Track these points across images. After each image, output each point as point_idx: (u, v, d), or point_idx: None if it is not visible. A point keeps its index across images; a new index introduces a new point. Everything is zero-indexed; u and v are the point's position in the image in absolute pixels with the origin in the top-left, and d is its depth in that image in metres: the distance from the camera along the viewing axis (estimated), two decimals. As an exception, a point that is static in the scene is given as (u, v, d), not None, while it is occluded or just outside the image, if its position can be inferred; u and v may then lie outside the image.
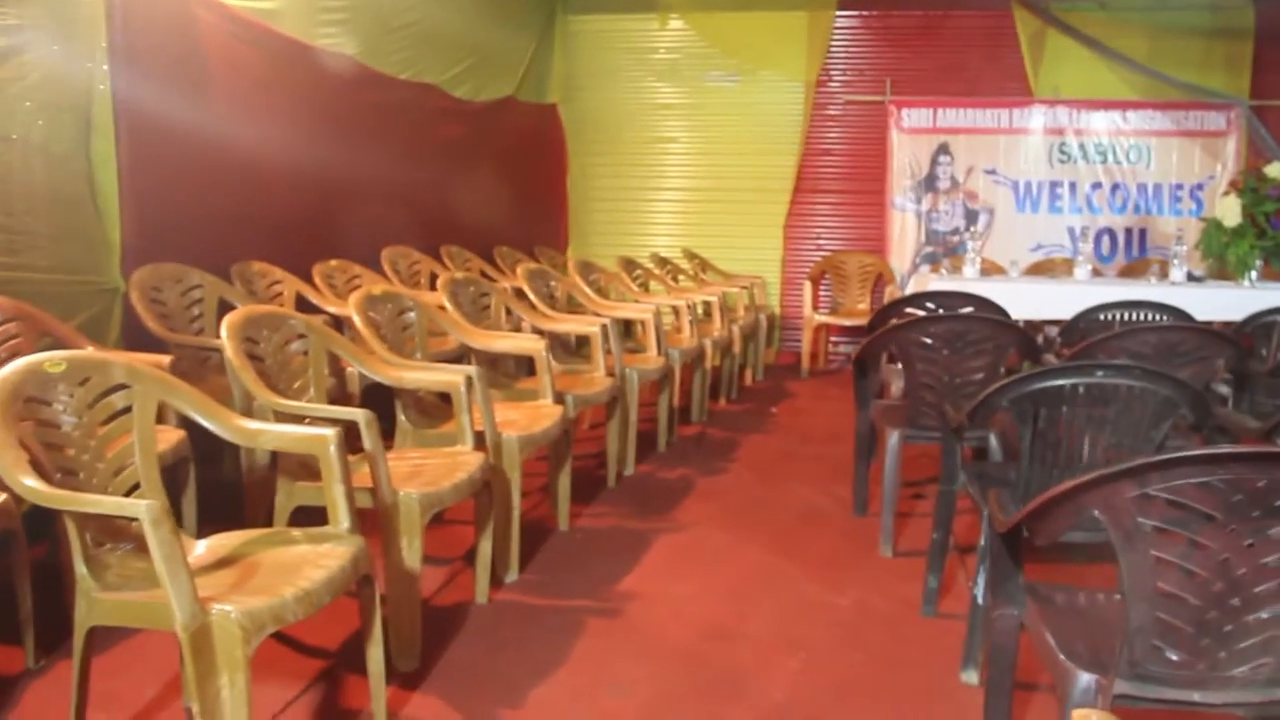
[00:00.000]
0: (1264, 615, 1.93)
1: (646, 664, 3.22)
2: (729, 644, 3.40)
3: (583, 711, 2.95)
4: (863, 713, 2.98)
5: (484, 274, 6.98)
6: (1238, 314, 5.41)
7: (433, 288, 5.51)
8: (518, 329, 5.23)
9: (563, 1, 9.53)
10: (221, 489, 4.11)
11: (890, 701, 3.04)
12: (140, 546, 2.36)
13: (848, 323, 8.79)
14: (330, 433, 2.68)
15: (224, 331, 3.15)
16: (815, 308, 8.86)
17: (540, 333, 4.98)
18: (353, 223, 6.16)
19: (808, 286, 8.90)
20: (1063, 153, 9.20)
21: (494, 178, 8.17)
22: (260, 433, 2.80)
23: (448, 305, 4.61)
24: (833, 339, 9.26)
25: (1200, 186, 9.04)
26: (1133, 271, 8.43)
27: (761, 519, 4.74)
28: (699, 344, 6.43)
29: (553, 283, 5.82)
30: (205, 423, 2.71)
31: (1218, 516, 1.82)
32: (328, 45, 5.89)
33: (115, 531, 2.53)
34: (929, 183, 9.20)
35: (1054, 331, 5.57)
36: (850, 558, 4.24)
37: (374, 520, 3.04)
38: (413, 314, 4.25)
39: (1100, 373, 2.86)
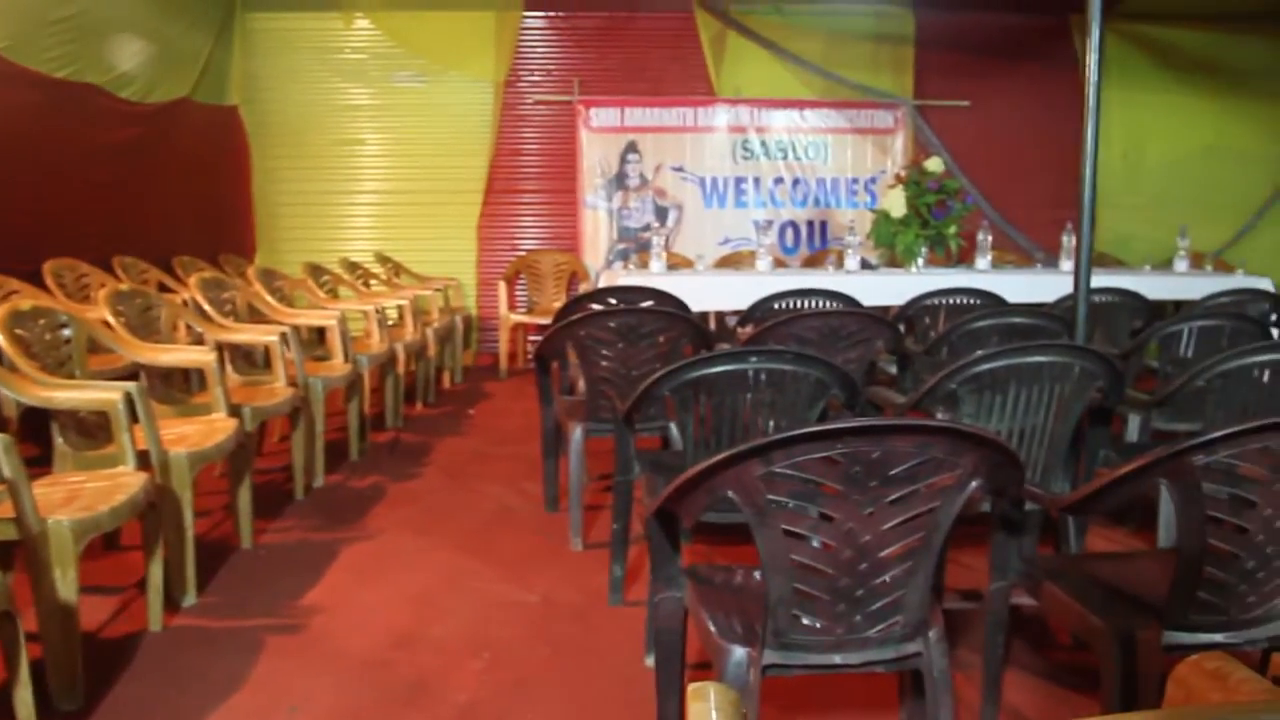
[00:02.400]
0: (891, 577, 2.06)
1: (328, 678, 3.14)
2: (414, 651, 3.36)
3: (258, 733, 2.85)
4: (545, 704, 3.00)
5: (162, 285, 6.65)
6: (905, 298, 5.74)
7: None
8: (200, 341, 5.00)
9: (242, -1, 9.17)
10: None
11: (574, 691, 3.08)
12: None
13: (543, 322, 8.77)
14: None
15: None
16: (511, 308, 8.90)
17: (220, 344, 4.78)
18: (9, 233, 5.71)
19: (503, 287, 8.92)
20: (746, 150, 9.57)
21: (171, 184, 7.77)
22: None
23: (110, 319, 4.35)
24: (530, 338, 9.29)
25: (873, 180, 9.62)
26: (814, 262, 8.84)
27: (453, 522, 4.71)
28: (389, 349, 6.32)
29: (230, 292, 5.59)
30: None
31: (840, 488, 1.92)
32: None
33: None
34: (619, 180, 9.38)
35: (734, 321, 5.77)
36: (541, 554, 4.27)
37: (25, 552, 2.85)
38: (69, 330, 3.99)
39: (754, 359, 2.98)
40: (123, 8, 7.02)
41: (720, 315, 6.88)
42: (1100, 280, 6.15)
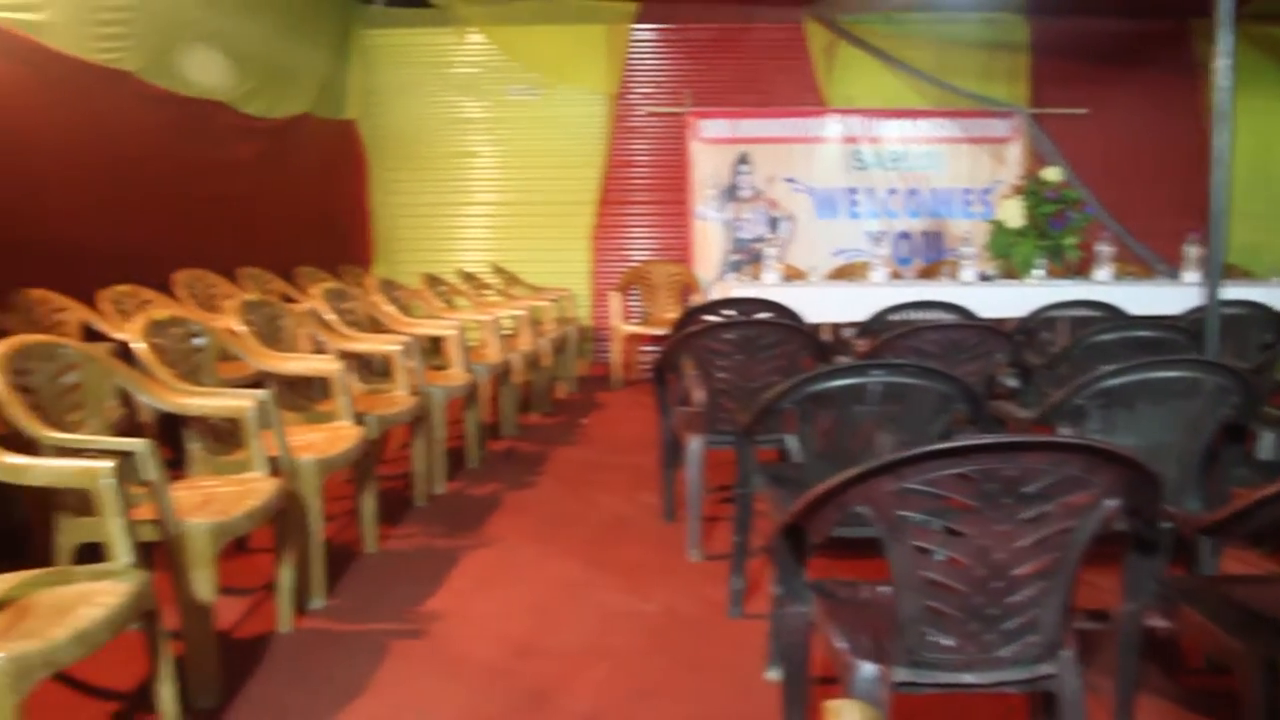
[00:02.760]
0: (1025, 596, 2.04)
1: (451, 685, 3.19)
2: (534, 659, 3.40)
3: (385, 737, 2.91)
4: (666, 715, 3.01)
5: (285, 295, 6.83)
6: (1023, 310, 5.65)
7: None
8: (321, 350, 5.12)
9: (359, 16, 9.37)
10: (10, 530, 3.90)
11: (694, 703, 3.08)
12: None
13: (657, 332, 8.84)
14: (103, 465, 2.57)
15: (-10, 364, 2.99)
16: (624, 318, 8.95)
17: (343, 354, 4.89)
18: (145, 246, 5.92)
19: (616, 297, 8.98)
20: (858, 160, 9.53)
21: (293, 196, 7.99)
22: (27, 468, 2.68)
23: (239, 328, 4.48)
24: (643, 349, 9.34)
25: (988, 190, 9.48)
26: (929, 273, 8.75)
27: (570, 530, 4.76)
28: (506, 359, 6.41)
29: (352, 302, 5.72)
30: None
31: (973, 504, 1.91)
32: (105, 61, 5.63)
33: None
34: (731, 192, 9.40)
35: (850, 333, 5.74)
36: (658, 564, 4.28)
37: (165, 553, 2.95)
38: (201, 339, 4.12)
39: (877, 372, 2.96)
40: (248, 28, 7.22)
41: (835, 327, 6.84)
42: (1227, 292, 6.00)
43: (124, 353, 4.24)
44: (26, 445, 2.84)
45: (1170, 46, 9.39)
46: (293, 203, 7.98)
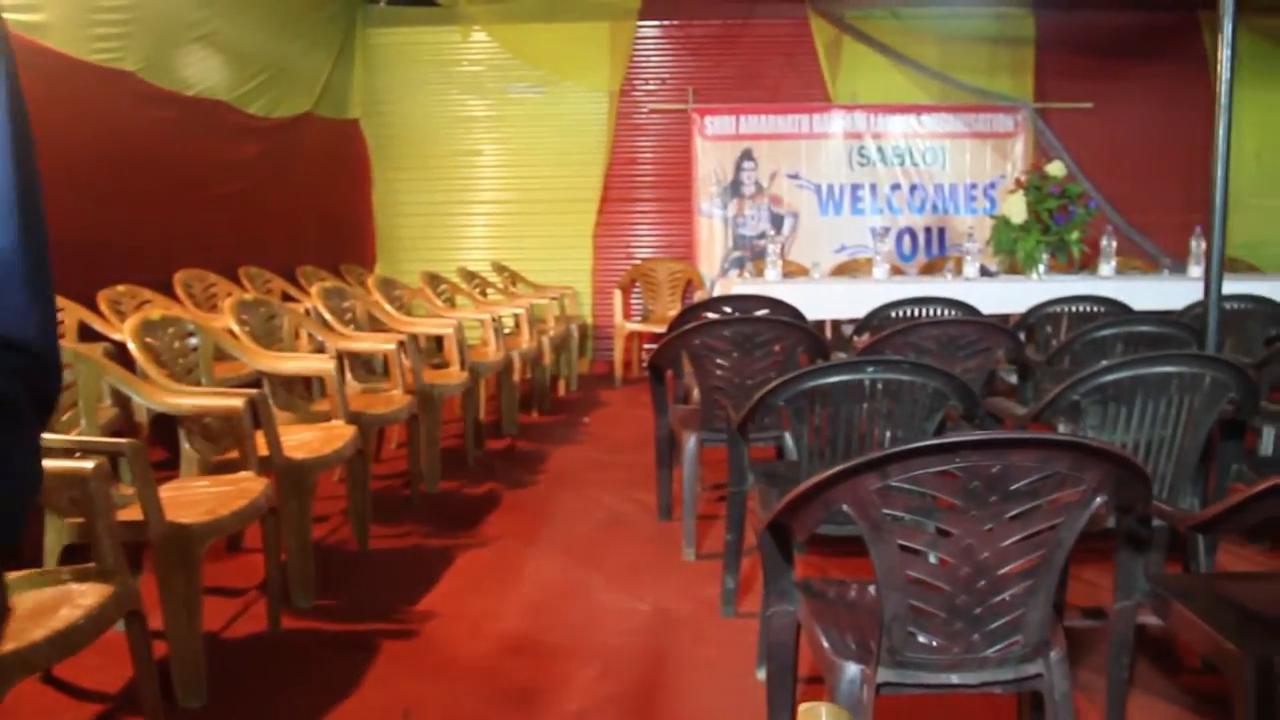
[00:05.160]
0: (1011, 595, 2.00)
1: (440, 684, 3.17)
2: (526, 658, 3.37)
3: (373, 737, 2.89)
4: (656, 714, 2.99)
5: (286, 295, 6.82)
6: (1026, 306, 5.61)
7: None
8: (321, 350, 5.10)
9: (362, 14, 9.36)
10: None
11: (684, 702, 3.06)
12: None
13: (659, 330, 8.78)
14: (88, 465, 2.55)
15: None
16: (626, 316, 8.93)
17: (340, 353, 4.87)
18: (143, 246, 5.92)
19: (618, 295, 8.96)
20: (862, 156, 9.48)
21: (295, 196, 7.98)
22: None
23: (234, 328, 4.46)
24: (645, 346, 9.30)
25: (993, 185, 9.45)
26: (932, 269, 8.73)
27: (566, 530, 4.73)
28: (505, 357, 6.39)
29: (350, 301, 5.70)
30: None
31: (958, 503, 1.88)
32: (104, 61, 5.62)
33: None
34: (734, 188, 9.36)
35: (850, 330, 5.70)
36: (653, 563, 4.26)
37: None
38: (196, 339, 4.10)
39: (870, 369, 2.93)
40: (250, 27, 7.21)
41: (837, 324, 6.81)
42: (1232, 286, 5.94)
43: (120, 353, 4.24)
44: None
45: (1178, 39, 9.34)
46: (295, 202, 7.98)
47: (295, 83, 8.11)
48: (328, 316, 5.30)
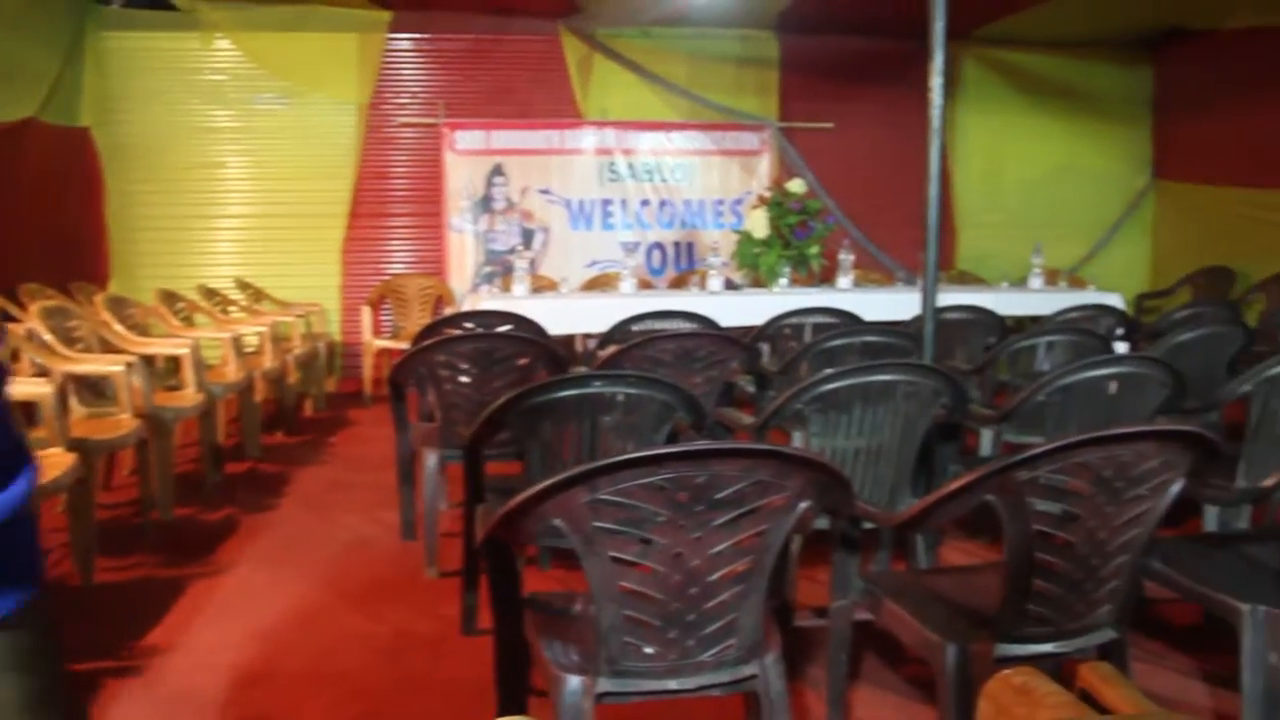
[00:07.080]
0: (722, 600, 2.05)
1: (165, 721, 3.03)
2: (259, 688, 3.26)
3: (85, 782, 2.73)
4: (391, 741, 2.94)
5: (6, 314, 6.39)
6: (767, 318, 5.78)
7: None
8: (42, 373, 4.80)
9: (92, 15, 8.81)
10: None
11: (420, 723, 3.02)
12: None
13: (409, 346, 8.68)
14: None
15: None
16: (376, 333, 8.76)
17: (64, 376, 4.60)
18: None
19: (367, 311, 8.77)
20: (613, 172, 9.59)
21: (16, 208, 7.47)
22: None
23: (-63, 350, 4.17)
24: (395, 364, 9.11)
25: (739, 201, 9.72)
26: (680, 283, 8.89)
27: (307, 553, 4.60)
28: (247, 377, 6.17)
29: (76, 320, 5.39)
30: None
31: (666, 513, 1.90)
32: None
33: None
34: (485, 203, 9.32)
35: (593, 344, 5.76)
36: (394, 583, 4.19)
37: None
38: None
39: (597, 383, 2.96)
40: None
41: (585, 339, 6.86)
42: (958, 297, 6.31)
43: None
44: None
45: (912, 65, 9.74)
46: (16, 215, 7.46)
47: (15, 85, 7.59)
48: (48, 338, 4.99)
